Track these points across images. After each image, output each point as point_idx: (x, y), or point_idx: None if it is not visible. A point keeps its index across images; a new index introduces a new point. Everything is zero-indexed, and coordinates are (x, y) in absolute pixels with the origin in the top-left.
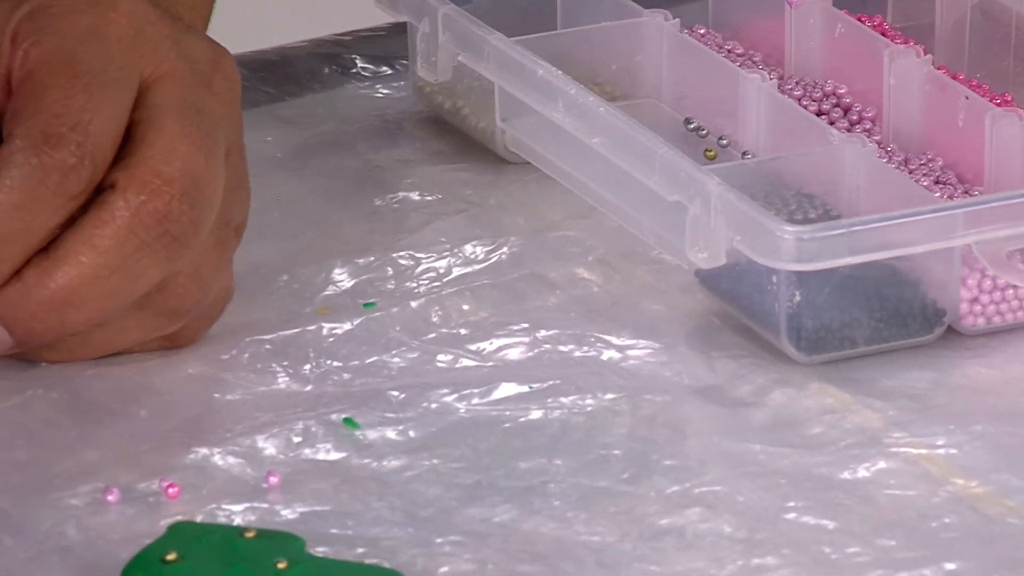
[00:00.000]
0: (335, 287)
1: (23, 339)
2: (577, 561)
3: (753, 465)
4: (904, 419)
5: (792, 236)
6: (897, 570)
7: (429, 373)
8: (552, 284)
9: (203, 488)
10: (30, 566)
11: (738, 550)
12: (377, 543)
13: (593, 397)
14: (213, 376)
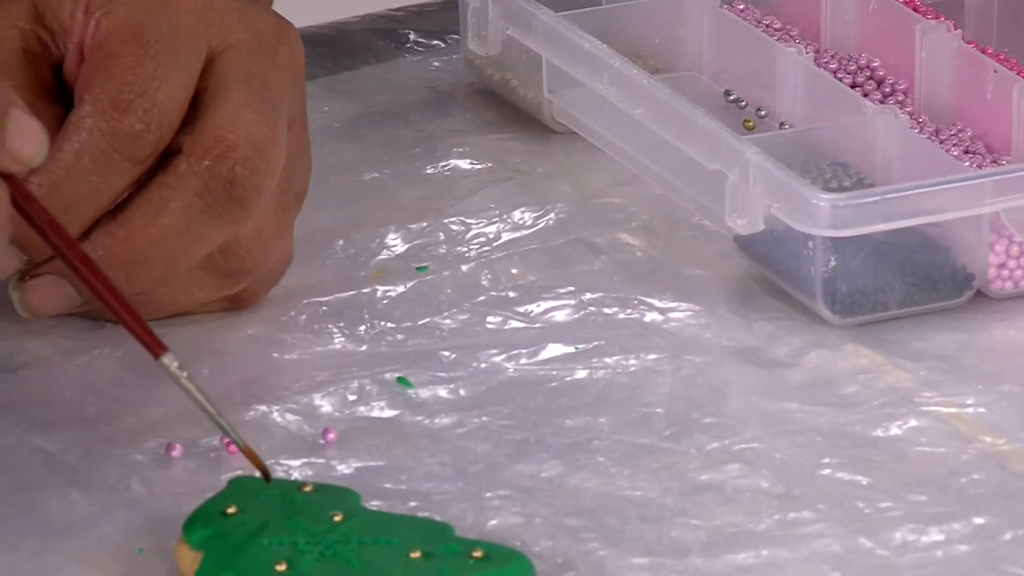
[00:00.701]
0: (389, 252)
1: (91, 297)
2: (620, 515)
3: (790, 423)
4: (934, 379)
5: (827, 203)
6: (927, 524)
7: (479, 334)
8: (597, 249)
9: (262, 444)
10: (97, 519)
11: (775, 505)
12: (429, 497)
13: (636, 358)
14: (272, 337)
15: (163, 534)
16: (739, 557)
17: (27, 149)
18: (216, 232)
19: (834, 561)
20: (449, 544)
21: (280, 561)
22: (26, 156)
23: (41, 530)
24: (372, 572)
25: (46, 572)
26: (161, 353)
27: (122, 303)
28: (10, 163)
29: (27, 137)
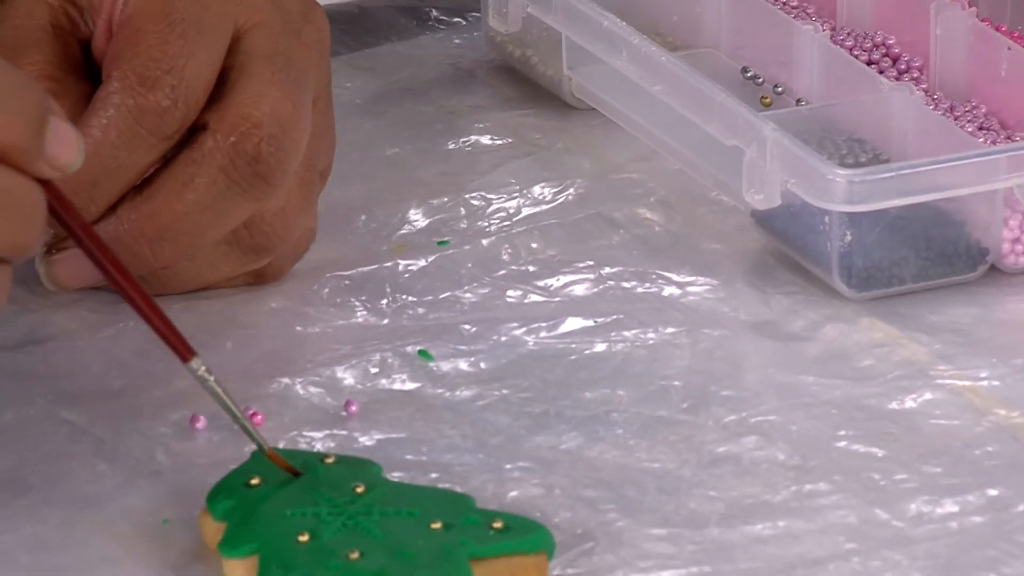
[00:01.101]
0: (411, 226)
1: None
2: (639, 486)
3: (806, 396)
4: (949, 352)
5: (844, 179)
6: (942, 496)
7: (499, 308)
8: (616, 224)
9: (285, 416)
10: (122, 490)
11: (791, 476)
12: (449, 469)
13: (654, 331)
14: (295, 310)
15: (187, 505)
16: (756, 528)
17: (65, 157)
18: (241, 208)
19: (850, 532)
20: (470, 515)
21: (303, 532)
22: (64, 163)
23: (67, 501)
24: (394, 543)
25: (72, 542)
26: (190, 358)
27: (153, 308)
28: (48, 170)
29: (65, 145)
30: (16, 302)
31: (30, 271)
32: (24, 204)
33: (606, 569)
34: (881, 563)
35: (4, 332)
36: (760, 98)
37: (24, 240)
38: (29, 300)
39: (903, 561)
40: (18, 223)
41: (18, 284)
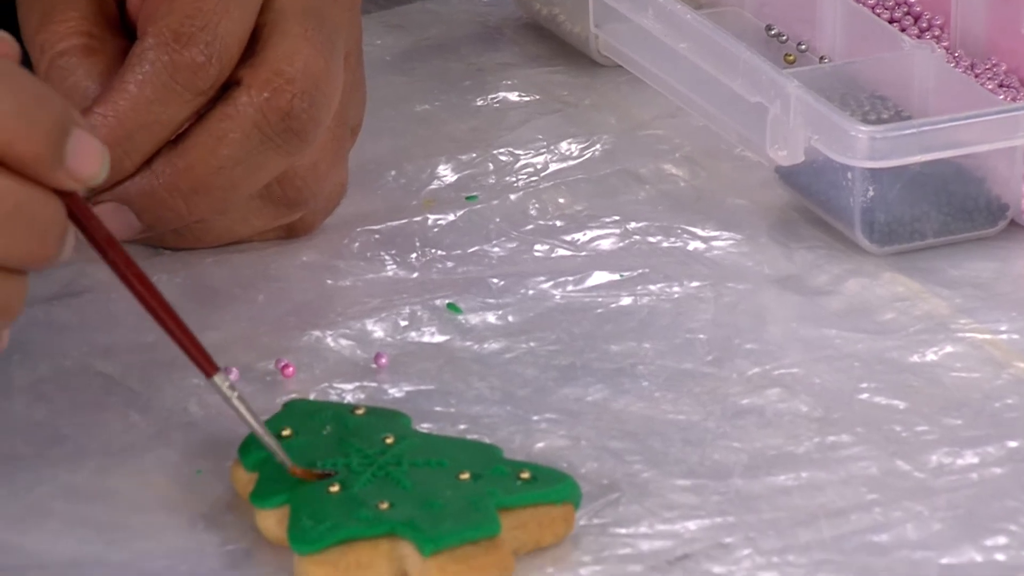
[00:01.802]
0: (439, 181)
1: (151, 224)
2: (664, 438)
3: (829, 349)
4: (969, 306)
5: (866, 135)
6: (963, 447)
7: (527, 262)
8: (641, 179)
9: (316, 368)
10: (155, 440)
11: (814, 428)
12: (478, 420)
13: (679, 285)
14: (326, 264)
15: (220, 456)
16: (779, 479)
17: (87, 169)
18: (274, 162)
19: (871, 483)
20: (497, 466)
21: (333, 482)
22: (85, 175)
23: (102, 451)
24: (423, 493)
25: (107, 492)
26: (213, 373)
27: (177, 323)
28: (69, 182)
29: (88, 157)
30: None
31: None
32: (43, 216)
33: (632, 519)
34: (902, 513)
35: (40, 285)
36: (784, 56)
37: (42, 252)
38: None
39: (924, 511)
40: (36, 235)
41: None
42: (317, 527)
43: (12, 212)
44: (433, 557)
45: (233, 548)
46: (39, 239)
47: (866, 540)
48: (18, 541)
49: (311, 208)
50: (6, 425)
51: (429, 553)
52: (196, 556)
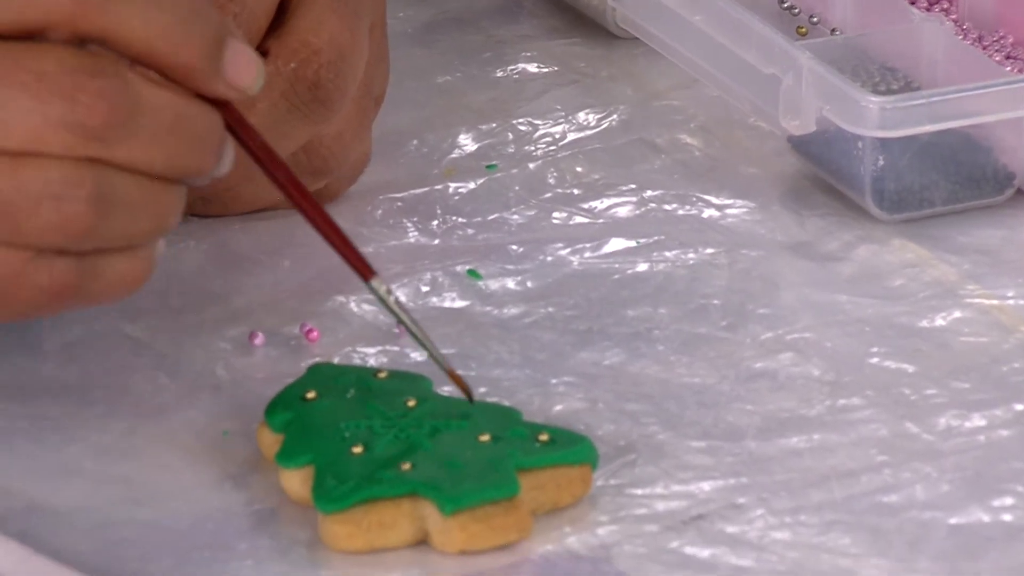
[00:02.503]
0: (460, 150)
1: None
2: (679, 400)
3: (840, 314)
4: (977, 272)
5: (876, 105)
6: (971, 410)
7: (545, 229)
8: (657, 148)
9: (340, 332)
10: (183, 402)
11: (826, 391)
12: (497, 383)
13: (694, 251)
14: (349, 231)
15: (246, 417)
16: (791, 441)
17: (244, 79)
18: (300, 132)
19: (881, 445)
20: (517, 428)
21: (356, 443)
22: (243, 85)
23: (131, 412)
24: (444, 454)
25: (135, 452)
26: (370, 277)
27: (334, 228)
28: (227, 90)
29: (244, 66)
30: None
31: None
32: (200, 126)
33: (648, 480)
34: (911, 475)
35: None
36: (796, 28)
37: (200, 163)
38: None
39: (933, 473)
40: (194, 145)
41: None
42: (340, 487)
43: (173, 123)
44: (454, 516)
45: (259, 507)
46: (199, 150)
47: (876, 501)
48: (48, 500)
49: (336, 176)
50: (37, 386)
51: (450, 512)
52: (222, 515)
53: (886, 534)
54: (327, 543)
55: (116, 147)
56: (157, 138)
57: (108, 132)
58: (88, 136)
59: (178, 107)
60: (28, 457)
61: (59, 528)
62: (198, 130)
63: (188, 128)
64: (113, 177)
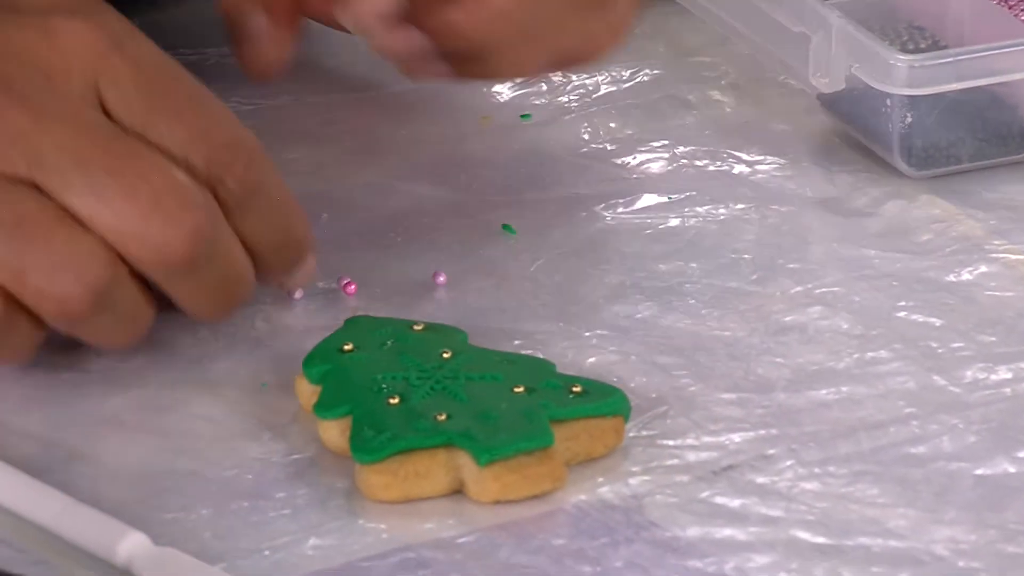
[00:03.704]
0: (496, 100)
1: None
2: (710, 353)
3: (868, 268)
4: (1003, 228)
5: (905, 64)
6: (996, 363)
7: (579, 184)
8: (689, 105)
9: (377, 286)
10: (223, 354)
11: (854, 344)
12: (531, 336)
13: (725, 207)
14: (386, 184)
15: (285, 369)
16: (820, 393)
17: (295, 287)
18: None
19: (909, 397)
20: (550, 380)
21: (393, 395)
22: (291, 290)
23: (171, 365)
24: (478, 405)
25: (176, 404)
26: None
27: None
28: (279, 286)
29: (302, 277)
30: None
31: None
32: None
33: (679, 431)
34: (938, 426)
35: None
36: None
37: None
38: None
39: (959, 424)
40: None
41: None
42: (378, 437)
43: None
44: (489, 467)
45: (297, 457)
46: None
47: (903, 452)
48: (91, 452)
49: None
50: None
51: (485, 463)
52: (262, 465)
53: (913, 484)
54: (364, 493)
55: (174, 281)
56: (207, 285)
57: (175, 269)
58: (157, 263)
59: (240, 267)
60: (70, 409)
61: (100, 478)
62: (238, 294)
63: (233, 289)
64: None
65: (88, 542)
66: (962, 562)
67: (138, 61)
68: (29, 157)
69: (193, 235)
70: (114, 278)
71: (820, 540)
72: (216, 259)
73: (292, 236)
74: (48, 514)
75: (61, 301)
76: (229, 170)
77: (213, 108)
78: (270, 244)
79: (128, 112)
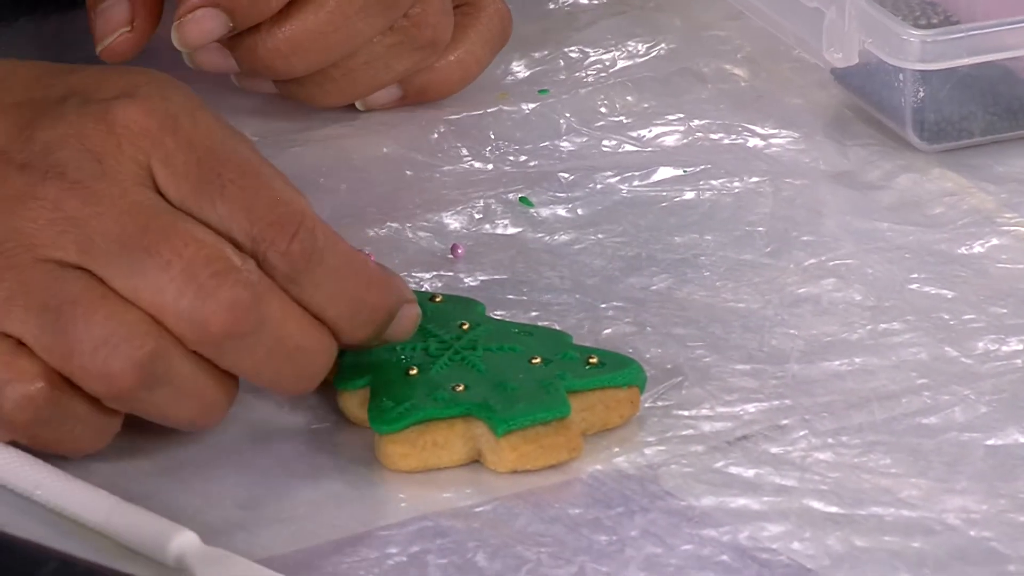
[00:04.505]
0: (513, 76)
1: (249, 72)
2: (724, 324)
3: (881, 241)
4: (1015, 201)
5: (917, 39)
6: (1008, 335)
7: (595, 157)
8: (704, 79)
9: (396, 258)
10: None
11: (867, 316)
12: (548, 308)
13: (740, 180)
14: (405, 155)
15: None
16: (834, 364)
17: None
18: (371, 28)
19: (921, 368)
20: (567, 351)
21: (412, 366)
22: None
23: None
24: (496, 376)
25: None
26: None
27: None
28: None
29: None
30: None
31: None
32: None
33: (694, 401)
34: (950, 397)
35: None
36: None
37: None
38: None
39: (971, 395)
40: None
41: None
42: (396, 408)
43: (290, 352)
44: (506, 437)
45: (317, 427)
46: (302, 378)
47: (916, 422)
48: None
49: (439, 54)
50: None
51: (502, 433)
52: (282, 435)
53: (925, 455)
54: (383, 462)
55: (226, 355)
56: (264, 357)
57: (224, 341)
58: (197, 335)
59: (300, 338)
60: None
61: (123, 449)
62: (311, 364)
63: (301, 359)
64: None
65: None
66: (973, 531)
67: (191, 139)
68: (80, 243)
69: (231, 307)
70: (160, 351)
71: (833, 509)
72: (267, 331)
73: (362, 302)
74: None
75: (107, 377)
76: (273, 244)
77: (261, 181)
78: (339, 313)
79: (177, 191)
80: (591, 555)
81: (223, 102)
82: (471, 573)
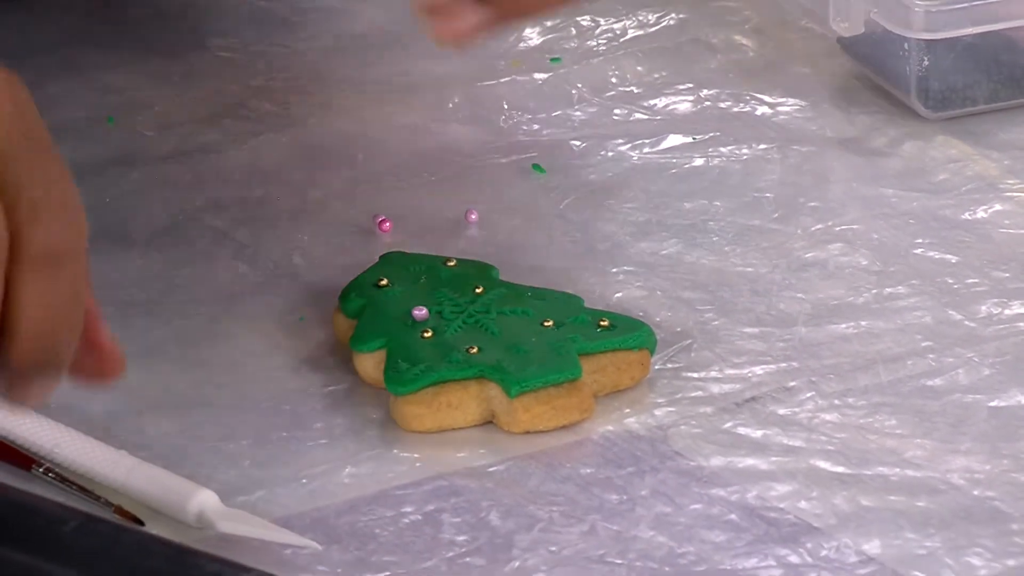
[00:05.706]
0: (526, 43)
1: None
2: (733, 289)
3: (886, 207)
4: (1018, 167)
5: (922, 9)
6: (1010, 299)
7: (607, 125)
8: (714, 48)
9: (411, 224)
10: (262, 288)
11: (873, 280)
12: (560, 272)
13: (748, 147)
14: (420, 125)
15: (321, 304)
16: (840, 327)
17: None
18: None
19: (926, 331)
20: (579, 315)
21: (426, 328)
22: None
23: (213, 299)
24: (509, 339)
25: (218, 336)
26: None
27: None
28: None
29: None
30: (163, 118)
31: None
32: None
33: (703, 364)
34: (954, 359)
35: (155, 145)
36: None
37: None
38: (174, 115)
39: (974, 357)
40: None
41: (166, 101)
42: (411, 369)
43: None
44: (519, 398)
45: (334, 389)
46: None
47: (920, 384)
48: (134, 383)
49: None
50: (124, 275)
51: (515, 394)
52: (299, 396)
53: (930, 416)
54: (398, 423)
55: None
56: None
57: None
58: None
59: None
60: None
61: (144, 411)
62: None
63: None
64: None
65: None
66: (977, 491)
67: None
68: None
69: None
70: None
71: (839, 469)
72: None
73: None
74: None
75: None
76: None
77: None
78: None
79: None
80: (602, 514)
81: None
82: (485, 531)
